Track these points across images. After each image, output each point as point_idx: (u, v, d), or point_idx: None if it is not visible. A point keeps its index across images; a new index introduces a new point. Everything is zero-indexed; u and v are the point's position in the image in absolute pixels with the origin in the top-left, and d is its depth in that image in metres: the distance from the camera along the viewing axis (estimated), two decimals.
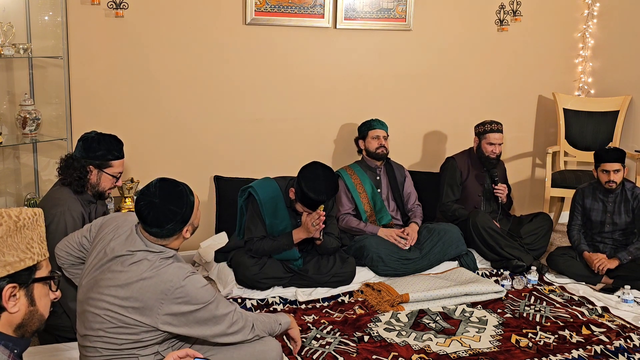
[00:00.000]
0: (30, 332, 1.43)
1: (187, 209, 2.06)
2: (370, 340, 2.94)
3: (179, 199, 2.05)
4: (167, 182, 2.09)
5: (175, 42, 3.83)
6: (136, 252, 2.03)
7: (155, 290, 1.96)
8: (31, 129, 3.40)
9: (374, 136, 4.04)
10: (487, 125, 4.16)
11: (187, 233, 2.11)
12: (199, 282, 2.03)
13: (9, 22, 3.31)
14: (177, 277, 1.98)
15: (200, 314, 2.02)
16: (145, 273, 1.98)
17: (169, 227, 2.02)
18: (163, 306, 1.96)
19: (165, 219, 2.01)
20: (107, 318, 1.98)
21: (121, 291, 1.98)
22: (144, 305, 1.96)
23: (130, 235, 2.08)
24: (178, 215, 2.03)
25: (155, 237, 2.06)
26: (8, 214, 1.39)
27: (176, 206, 2.03)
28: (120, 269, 2.01)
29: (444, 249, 3.84)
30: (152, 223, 2.01)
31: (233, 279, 3.48)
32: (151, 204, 2.02)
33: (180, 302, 1.98)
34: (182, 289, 1.98)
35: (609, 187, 3.73)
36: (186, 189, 2.10)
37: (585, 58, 5.07)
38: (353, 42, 4.31)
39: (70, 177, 2.78)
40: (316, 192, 3.29)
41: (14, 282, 1.37)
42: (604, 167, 3.73)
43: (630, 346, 2.94)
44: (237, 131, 4.10)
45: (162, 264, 2.01)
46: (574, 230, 3.92)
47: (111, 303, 1.98)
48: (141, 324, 1.98)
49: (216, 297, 2.06)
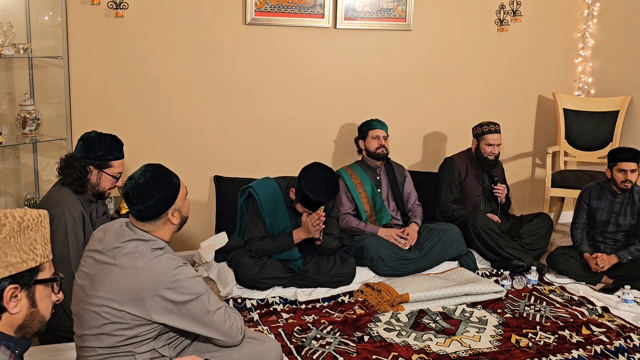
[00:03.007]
0: (31, 333, 1.42)
1: (171, 187, 2.11)
2: (370, 340, 2.95)
3: (162, 177, 2.11)
4: (152, 165, 2.15)
5: (175, 42, 3.83)
6: (126, 242, 2.05)
7: (147, 280, 1.97)
8: (31, 129, 3.40)
9: (374, 136, 4.04)
10: (484, 126, 4.16)
11: (173, 218, 2.12)
12: (190, 272, 2.05)
13: (9, 22, 3.31)
14: (168, 267, 2.00)
15: (193, 304, 2.02)
16: (137, 264, 1.99)
17: (152, 203, 2.05)
18: (155, 296, 1.97)
19: (148, 195, 2.05)
20: (103, 314, 1.99)
21: (114, 284, 1.99)
22: (137, 296, 1.97)
23: (120, 229, 2.11)
24: (161, 192, 2.07)
25: (141, 219, 2.08)
26: (12, 215, 1.38)
27: (159, 184, 2.08)
28: (112, 262, 2.03)
29: (444, 249, 3.85)
30: (136, 201, 2.06)
31: (233, 279, 3.48)
32: (136, 185, 2.08)
33: (173, 291, 1.98)
34: (173, 278, 1.99)
35: (625, 186, 3.70)
36: (171, 172, 2.16)
37: (585, 58, 5.08)
38: (353, 42, 4.31)
39: (70, 177, 2.78)
40: (317, 193, 3.29)
41: (15, 283, 1.37)
42: (621, 166, 3.69)
43: (630, 346, 2.94)
44: (237, 131, 4.10)
45: (154, 254, 2.02)
46: (578, 229, 3.92)
47: (105, 298, 1.99)
48: (135, 317, 1.98)
49: (207, 290, 2.08)
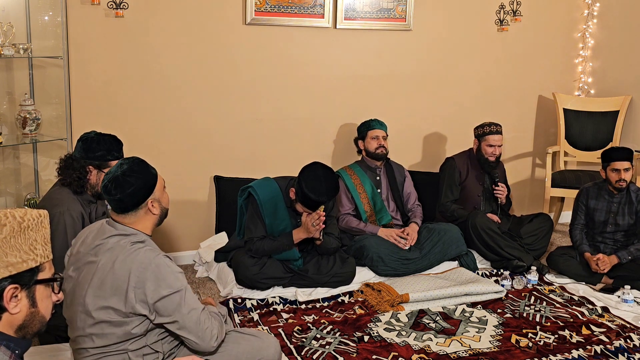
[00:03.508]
0: (31, 333, 1.42)
1: (148, 176, 2.12)
2: (370, 340, 2.95)
3: (138, 167, 2.12)
4: (128, 158, 2.17)
5: (175, 42, 3.83)
6: (108, 239, 2.06)
7: (128, 273, 1.98)
8: (31, 129, 3.40)
9: (373, 136, 4.04)
10: (486, 127, 4.16)
11: (153, 208, 2.13)
12: (171, 266, 2.04)
13: (9, 22, 3.31)
14: (148, 258, 2.00)
15: (170, 299, 2.00)
16: (118, 258, 2.00)
17: (131, 191, 2.06)
18: (136, 288, 1.97)
19: (126, 184, 2.07)
20: (92, 314, 2.00)
21: (97, 281, 2.00)
22: (119, 289, 1.98)
23: (100, 228, 2.13)
24: (139, 180, 2.08)
25: (121, 210, 2.09)
26: (12, 215, 1.38)
27: (136, 173, 2.10)
28: (94, 259, 2.04)
29: (444, 249, 3.85)
30: (115, 192, 2.07)
31: (233, 279, 3.48)
32: (114, 177, 2.09)
33: (152, 283, 1.98)
34: (153, 269, 1.99)
35: (620, 186, 3.70)
36: (146, 163, 2.18)
37: (585, 58, 5.07)
38: (353, 42, 4.31)
39: (69, 177, 2.78)
40: (317, 193, 3.29)
41: (15, 283, 1.37)
42: (614, 165, 3.70)
43: (630, 346, 2.94)
44: (237, 131, 4.10)
45: (134, 247, 2.03)
46: (577, 230, 3.92)
47: (91, 296, 2.00)
48: (120, 312, 1.98)
49: (187, 288, 2.06)
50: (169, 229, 3.96)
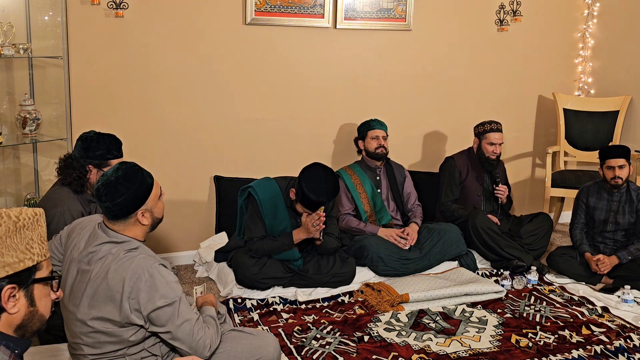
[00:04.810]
0: (30, 332, 1.42)
1: (141, 187, 2.07)
2: (370, 340, 2.94)
3: (133, 176, 2.07)
4: (126, 163, 2.12)
5: (175, 42, 3.83)
6: (100, 246, 2.03)
7: (122, 281, 1.95)
8: (31, 129, 3.40)
9: (373, 136, 4.04)
10: (486, 125, 4.16)
11: (143, 218, 2.08)
12: (166, 275, 2.01)
13: (9, 22, 3.31)
14: (142, 268, 1.97)
15: (164, 310, 1.98)
16: (111, 266, 1.98)
17: (120, 201, 2.01)
18: (131, 298, 1.95)
19: (117, 192, 2.02)
20: (88, 324, 1.98)
21: (90, 291, 1.98)
22: (113, 299, 1.96)
23: (92, 233, 2.09)
24: (130, 190, 2.03)
25: (111, 217, 2.05)
26: (7, 214, 1.38)
27: (129, 182, 2.05)
28: (87, 268, 2.02)
29: (444, 248, 3.84)
30: (105, 198, 2.02)
31: (233, 279, 3.48)
32: (107, 182, 2.05)
33: (146, 293, 1.95)
34: (147, 279, 1.96)
35: (615, 183, 3.71)
36: (144, 171, 2.12)
37: (585, 58, 5.07)
38: (353, 42, 4.31)
39: (69, 177, 2.78)
40: (317, 194, 3.29)
41: (13, 283, 1.37)
42: (608, 163, 3.71)
43: (630, 346, 2.94)
44: (237, 131, 4.10)
45: (127, 256, 2.00)
46: (577, 229, 3.92)
47: (87, 306, 1.99)
48: (116, 322, 1.97)
49: (181, 298, 2.04)
50: (169, 228, 3.96)
